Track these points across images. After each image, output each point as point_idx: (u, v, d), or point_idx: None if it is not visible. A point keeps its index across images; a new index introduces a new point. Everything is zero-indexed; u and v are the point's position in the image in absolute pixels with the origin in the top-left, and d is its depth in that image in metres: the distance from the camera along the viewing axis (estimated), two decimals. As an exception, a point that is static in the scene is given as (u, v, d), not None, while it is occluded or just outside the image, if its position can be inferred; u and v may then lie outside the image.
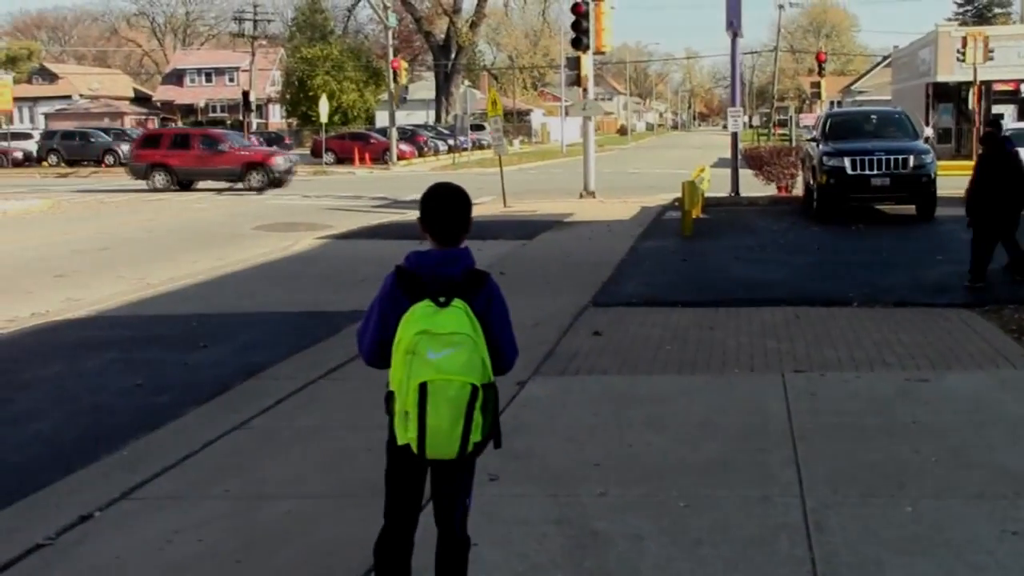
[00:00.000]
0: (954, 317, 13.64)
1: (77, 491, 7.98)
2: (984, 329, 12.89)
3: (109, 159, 67.92)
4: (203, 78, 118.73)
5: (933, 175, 26.31)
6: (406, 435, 4.93)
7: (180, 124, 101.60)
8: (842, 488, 7.50)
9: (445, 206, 5.21)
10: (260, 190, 42.21)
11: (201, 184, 44.68)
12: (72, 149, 69.36)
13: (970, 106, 51.74)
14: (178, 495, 7.83)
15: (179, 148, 44.88)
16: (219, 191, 43.18)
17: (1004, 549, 6.42)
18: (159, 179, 43.90)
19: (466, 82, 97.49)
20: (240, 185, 43.44)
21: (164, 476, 8.24)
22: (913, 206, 26.59)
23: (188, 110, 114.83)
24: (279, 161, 44.38)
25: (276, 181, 43.19)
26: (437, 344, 4.83)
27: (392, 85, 63.56)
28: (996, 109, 54.00)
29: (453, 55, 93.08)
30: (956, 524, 6.83)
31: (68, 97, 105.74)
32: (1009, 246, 16.53)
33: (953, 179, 33.85)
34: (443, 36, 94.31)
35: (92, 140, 70.56)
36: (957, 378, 10.64)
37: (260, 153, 46.58)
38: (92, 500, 7.69)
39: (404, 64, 65.29)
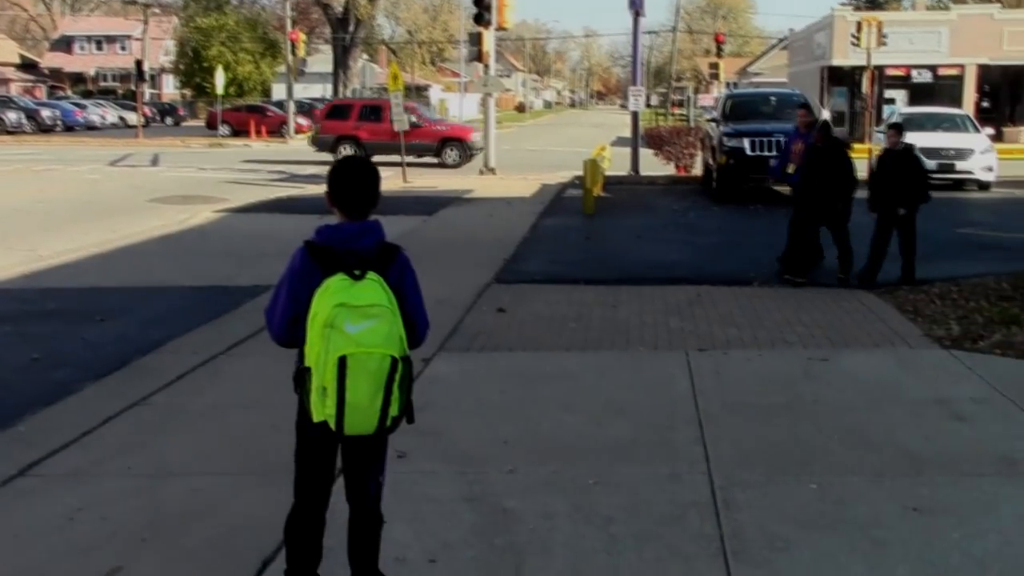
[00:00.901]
0: (852, 298, 13.86)
1: (-27, 468, 7.79)
2: (881, 310, 13.11)
3: (-7, 126, 66.27)
4: (93, 46, 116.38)
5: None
6: (323, 411, 4.87)
7: (70, 93, 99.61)
8: (748, 466, 7.58)
9: (354, 180, 5.18)
10: (456, 166, 40.78)
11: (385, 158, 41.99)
12: (-46, 117, 67.54)
13: (864, 90, 52.42)
14: (79, 472, 7.68)
15: (370, 120, 42.04)
16: (121, 164, 42.42)
17: (906, 526, 6.53)
18: (347, 153, 41.95)
19: (364, 56, 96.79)
20: (435, 161, 41.14)
21: (64, 452, 8.07)
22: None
23: (78, 78, 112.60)
24: (476, 137, 42.30)
25: (470, 157, 40.98)
26: (356, 316, 4.78)
27: (290, 58, 62.87)
28: (888, 94, 54.93)
29: (352, 28, 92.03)
30: (860, 501, 6.93)
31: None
32: (839, 238, 15.52)
33: (848, 161, 34.41)
34: (341, 9, 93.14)
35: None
36: (857, 358, 10.80)
37: (458, 128, 44.51)
38: (-11, 477, 7.52)
39: (302, 36, 64.41)
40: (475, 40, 36.14)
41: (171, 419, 8.93)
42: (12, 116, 67.56)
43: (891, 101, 53.75)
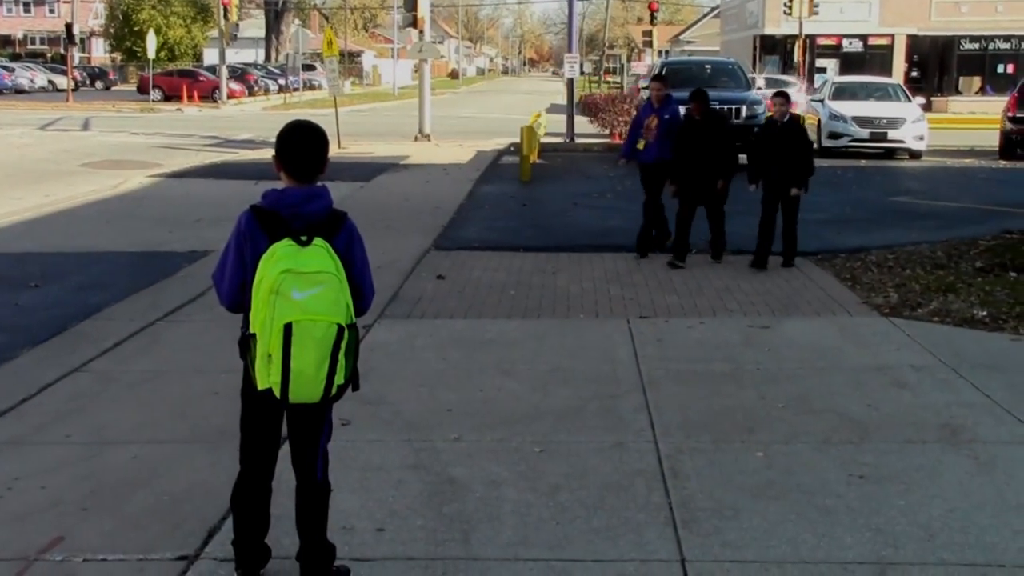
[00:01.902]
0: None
1: (-92, 436, 7.63)
2: (819, 277, 13.19)
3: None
4: (20, 7, 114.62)
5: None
6: (268, 379, 4.79)
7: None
8: (694, 434, 7.59)
9: (303, 142, 5.11)
10: None
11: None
12: None
13: (795, 59, 52.78)
14: (16, 440, 7.54)
15: None
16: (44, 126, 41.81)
17: (852, 492, 6.57)
18: None
19: (297, 21, 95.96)
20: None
21: (0, 420, 7.93)
22: (745, 155, 26.98)
23: (5, 41, 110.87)
24: None
25: None
26: (302, 283, 4.71)
27: (222, 22, 62.13)
28: (820, 63, 55.37)
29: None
30: (806, 469, 6.96)
31: None
32: (714, 219, 14.45)
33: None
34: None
35: None
36: (797, 325, 10.85)
37: None
38: (-75, 445, 7.37)
39: (234, 1, 63.74)
40: (410, 5, 35.86)
41: (110, 386, 8.80)
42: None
43: (822, 70, 54.21)
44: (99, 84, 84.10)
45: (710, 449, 7.30)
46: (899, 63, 55.75)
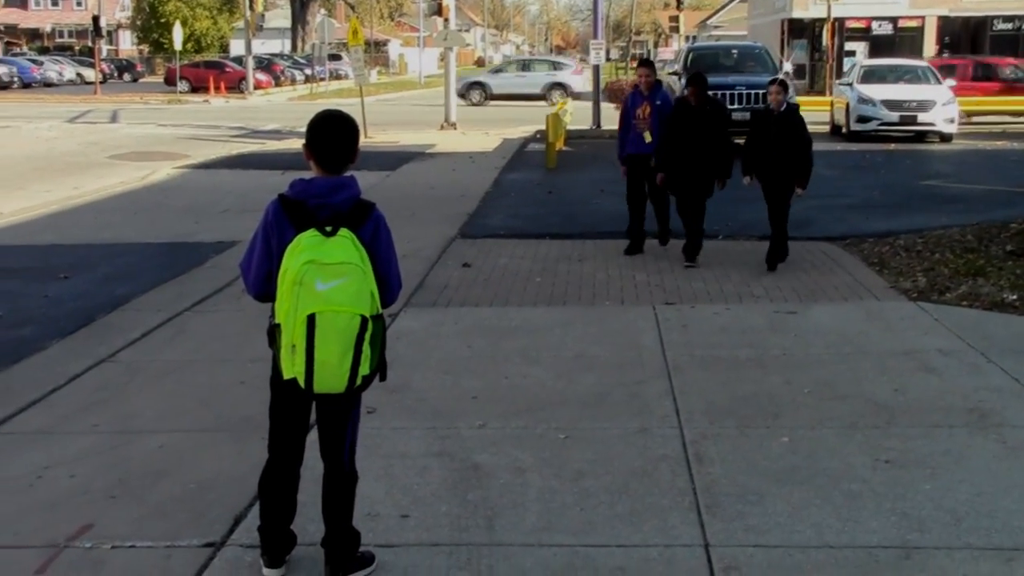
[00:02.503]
0: (817, 250, 13.87)
1: (-62, 427, 7.71)
2: (847, 262, 13.13)
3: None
4: (48, 1, 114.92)
5: (792, 110, 26.67)
6: (293, 369, 4.84)
7: (26, 49, 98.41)
8: (719, 420, 7.58)
9: (333, 132, 5.10)
10: None
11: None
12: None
13: (824, 43, 52.53)
14: (46, 430, 7.62)
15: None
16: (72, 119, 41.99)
17: (878, 477, 6.55)
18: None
19: (323, 11, 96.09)
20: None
21: (30, 410, 8.01)
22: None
23: (34, 35, 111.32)
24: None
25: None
26: (325, 274, 4.73)
27: (248, 13, 62.25)
28: (849, 46, 55.03)
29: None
30: (831, 454, 6.94)
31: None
32: (694, 215, 13.24)
33: (808, 114, 34.36)
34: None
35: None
36: (824, 310, 10.81)
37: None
38: (-45, 436, 7.44)
39: (260, -9, 63.90)
40: (436, -6, 35.85)
41: (137, 376, 8.86)
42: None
43: (851, 53, 53.85)
44: (127, 76, 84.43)
45: (735, 434, 7.29)
46: (929, 45, 55.29)
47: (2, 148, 29.54)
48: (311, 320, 4.72)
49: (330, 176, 5.06)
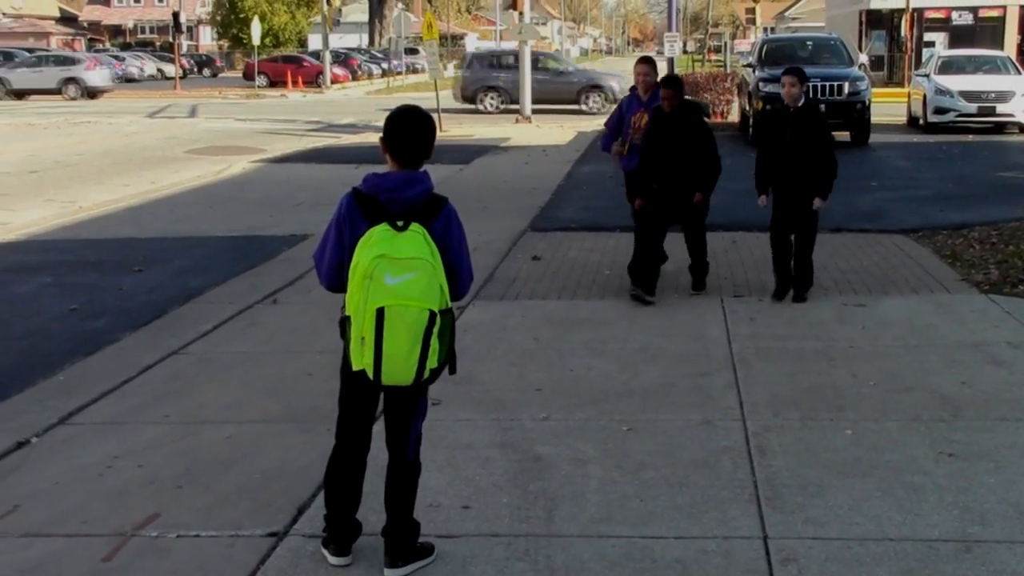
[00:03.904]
0: (888, 242, 13.76)
1: (13, 417, 7.88)
2: (919, 254, 13.02)
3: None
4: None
5: (868, 102, 26.53)
6: (362, 361, 4.91)
7: (108, 45, 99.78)
8: (783, 412, 7.57)
9: (410, 128, 5.16)
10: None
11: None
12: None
13: (902, 33, 51.99)
14: (117, 420, 7.76)
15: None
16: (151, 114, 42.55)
17: (941, 470, 6.51)
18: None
19: (400, 5, 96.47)
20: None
21: (102, 401, 8.16)
22: (848, 132, 26.73)
23: (116, 31, 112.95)
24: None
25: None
26: (395, 268, 4.80)
27: (325, 8, 62.73)
28: (928, 37, 54.34)
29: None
30: (894, 447, 6.90)
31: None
32: (693, 238, 11.52)
33: (886, 106, 34.15)
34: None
35: (17, 60, 68.89)
36: (892, 303, 10.73)
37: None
38: (29, 425, 7.61)
39: (337, -14, 64.37)
40: (510, -13, 35.90)
41: (207, 367, 9.01)
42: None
43: (931, 44, 53.18)
44: (206, 71, 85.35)
45: (798, 426, 7.28)
46: (1011, 35, 54.46)
47: (83, 143, 30.00)
48: (380, 313, 4.79)
49: (404, 171, 5.12)
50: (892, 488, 6.24)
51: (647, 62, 12.14)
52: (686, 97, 11.56)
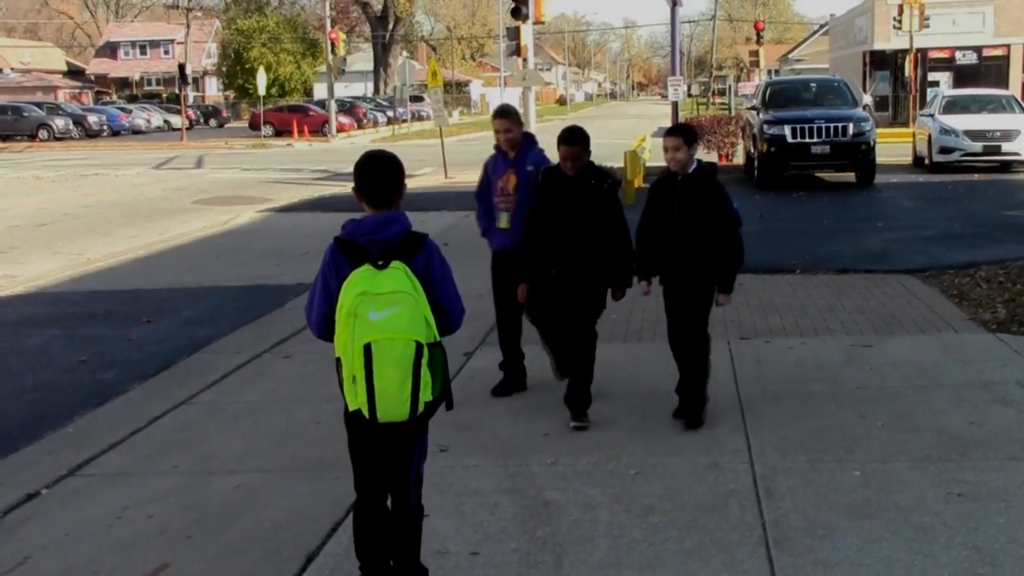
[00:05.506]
0: (895, 283, 13.77)
1: (23, 469, 7.91)
2: (925, 294, 13.02)
3: (43, 133, 67.17)
4: (137, 51, 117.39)
5: (872, 142, 26.60)
6: (356, 400, 4.95)
7: (115, 98, 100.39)
8: (790, 454, 7.56)
9: (376, 170, 5.27)
10: None
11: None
12: (4, 124, 68.10)
13: (907, 74, 52.13)
14: (126, 471, 7.78)
15: None
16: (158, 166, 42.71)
17: (950, 511, 6.49)
18: None
19: (404, 53, 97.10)
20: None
21: (111, 452, 8.18)
22: (853, 173, 26.83)
23: (123, 83, 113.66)
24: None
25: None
26: (378, 304, 4.85)
27: (330, 57, 63.09)
28: (932, 76, 54.52)
29: (391, 26, 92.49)
30: (903, 487, 6.89)
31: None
32: (581, 335, 8.66)
33: (891, 147, 34.20)
34: (380, 7, 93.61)
35: (25, 114, 69.48)
36: (900, 343, 10.73)
37: None
38: (39, 477, 7.63)
39: (342, 36, 64.62)
40: (513, 35, 36.04)
41: (216, 417, 9.02)
42: (60, 122, 68.53)
43: (935, 84, 53.33)
44: (212, 122, 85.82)
45: (806, 468, 7.27)
46: (1016, 73, 54.60)
47: (91, 195, 30.16)
48: (368, 349, 4.83)
49: (380, 212, 5.20)
50: (901, 529, 6.23)
51: (506, 115, 9.44)
52: (598, 164, 9.00)
